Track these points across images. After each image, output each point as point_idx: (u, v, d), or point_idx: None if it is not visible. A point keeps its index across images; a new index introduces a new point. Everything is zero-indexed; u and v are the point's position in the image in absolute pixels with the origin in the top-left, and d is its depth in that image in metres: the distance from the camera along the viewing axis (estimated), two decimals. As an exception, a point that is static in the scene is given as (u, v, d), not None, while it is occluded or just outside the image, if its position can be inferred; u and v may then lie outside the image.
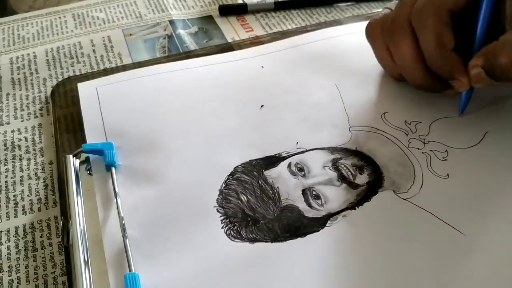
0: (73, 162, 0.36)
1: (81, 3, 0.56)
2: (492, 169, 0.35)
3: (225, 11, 0.54)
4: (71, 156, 0.36)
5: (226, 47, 0.48)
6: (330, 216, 0.32)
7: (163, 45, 0.50)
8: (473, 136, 0.37)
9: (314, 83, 0.42)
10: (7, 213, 0.35)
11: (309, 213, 0.32)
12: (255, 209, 0.33)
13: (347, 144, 0.37)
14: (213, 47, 0.48)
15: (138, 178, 0.35)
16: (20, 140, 0.40)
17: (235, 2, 0.56)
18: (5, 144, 0.40)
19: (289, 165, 0.35)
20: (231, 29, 0.52)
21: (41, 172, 0.38)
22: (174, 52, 0.49)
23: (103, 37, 0.51)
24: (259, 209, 0.33)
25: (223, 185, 0.34)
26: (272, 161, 0.36)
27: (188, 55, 0.47)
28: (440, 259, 0.30)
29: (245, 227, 0.32)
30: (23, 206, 0.35)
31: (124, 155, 0.36)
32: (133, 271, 0.29)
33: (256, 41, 0.48)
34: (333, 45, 0.46)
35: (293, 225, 0.32)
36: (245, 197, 0.33)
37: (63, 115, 0.41)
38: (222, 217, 0.32)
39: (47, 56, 0.49)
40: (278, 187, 0.34)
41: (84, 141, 0.38)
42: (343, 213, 0.32)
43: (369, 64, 0.42)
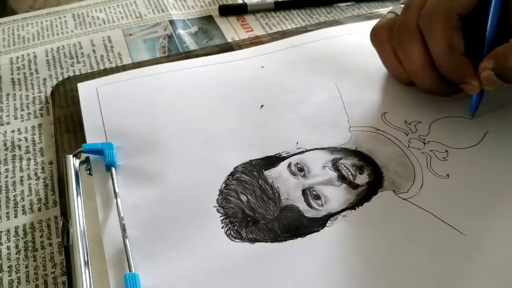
0: (73, 162, 0.36)
1: (81, 3, 0.56)
2: (492, 169, 0.35)
3: (225, 11, 0.54)
4: (71, 156, 0.36)
5: (226, 47, 0.48)
6: (330, 216, 0.32)
7: (163, 45, 0.50)
8: (473, 136, 0.37)
9: (314, 83, 0.42)
10: (7, 213, 0.35)
11: (309, 213, 0.32)
12: (255, 209, 0.33)
13: (347, 144, 0.37)
14: (213, 47, 0.48)
15: (138, 178, 0.35)
16: (20, 140, 0.40)
17: (235, 2, 0.56)
18: (5, 144, 0.40)
19: (289, 165, 0.35)
20: (231, 29, 0.52)
21: (41, 172, 0.38)
22: (174, 52, 0.49)
23: (103, 37, 0.51)
24: (259, 209, 0.33)
25: (223, 185, 0.34)
26: (272, 161, 0.36)
27: (188, 55, 0.47)
28: (440, 259, 0.30)
29: (245, 227, 0.32)
30: (23, 206, 0.35)
31: (124, 155, 0.36)
32: (133, 271, 0.29)
33: (256, 41, 0.48)
34: (333, 45, 0.46)
35: (293, 225, 0.32)
36: (245, 197, 0.33)
37: (63, 115, 0.41)
38: (222, 217, 0.32)
39: (47, 56, 0.49)
40: (278, 187, 0.34)
41: (84, 141, 0.38)
42: (343, 213, 0.32)
43: (369, 64, 0.42)
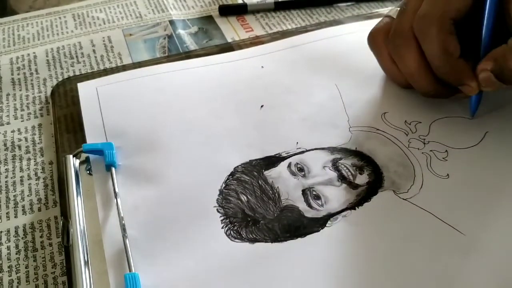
0: (73, 162, 0.36)
1: (81, 3, 0.56)
2: (492, 169, 0.35)
3: (225, 11, 0.54)
4: (71, 156, 0.36)
5: (226, 47, 0.48)
6: (330, 216, 0.32)
7: (163, 45, 0.50)
8: (473, 136, 0.37)
9: (314, 83, 0.42)
10: (7, 213, 0.35)
11: (309, 213, 0.32)
12: (255, 209, 0.33)
13: (347, 144, 0.37)
14: (213, 47, 0.48)
15: (138, 178, 0.35)
16: (20, 140, 0.40)
17: (235, 2, 0.56)
18: (5, 144, 0.40)
19: (289, 165, 0.35)
20: (231, 29, 0.52)
21: (41, 172, 0.38)
22: (174, 52, 0.49)
23: (103, 37, 0.51)
24: (259, 209, 0.33)
25: (223, 185, 0.34)
26: (272, 161, 0.36)
27: (188, 55, 0.47)
28: (440, 259, 0.30)
29: (245, 227, 0.32)
30: (23, 206, 0.35)
31: (124, 155, 0.36)
32: (133, 271, 0.29)
33: (256, 41, 0.48)
34: (333, 45, 0.46)
35: (293, 225, 0.32)
36: (245, 197, 0.33)
37: (63, 115, 0.41)
38: (222, 217, 0.32)
39: (47, 56, 0.49)
40: (278, 187, 0.34)
41: (84, 141, 0.38)
42: (343, 213, 0.32)
43: (369, 64, 0.42)
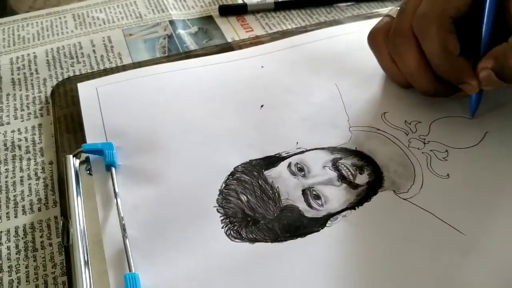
0: (73, 162, 0.36)
1: (81, 4, 0.56)
2: (492, 169, 0.35)
3: (225, 11, 0.54)
4: (71, 156, 0.36)
5: (226, 47, 0.48)
6: (330, 216, 0.32)
7: (163, 45, 0.50)
8: (473, 136, 0.37)
9: (314, 83, 0.42)
10: (7, 213, 0.35)
11: (309, 213, 0.32)
12: (255, 209, 0.33)
13: (347, 144, 0.37)
14: (213, 47, 0.48)
15: (138, 178, 0.35)
16: (20, 140, 0.40)
17: (235, 2, 0.56)
18: (5, 144, 0.40)
19: (289, 165, 0.35)
20: (231, 29, 0.52)
21: (41, 172, 0.38)
22: (174, 52, 0.49)
23: (103, 37, 0.51)
24: (259, 209, 0.33)
25: (223, 185, 0.34)
26: (272, 161, 0.36)
27: (188, 55, 0.47)
28: (440, 259, 0.30)
29: (245, 227, 0.32)
30: (23, 206, 0.35)
31: (124, 155, 0.36)
32: (133, 271, 0.29)
33: (256, 41, 0.48)
34: (333, 45, 0.46)
35: (293, 225, 0.32)
36: (245, 197, 0.33)
37: (63, 115, 0.41)
38: (222, 217, 0.32)
39: (47, 56, 0.49)
40: (278, 187, 0.34)
41: (84, 141, 0.38)
42: (343, 213, 0.32)
43: (369, 64, 0.42)
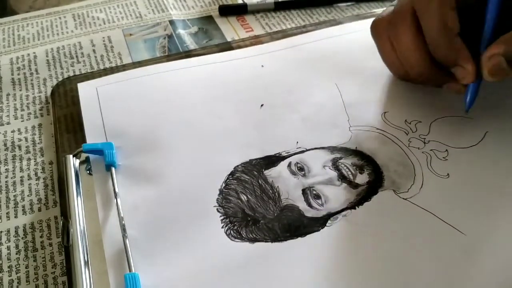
0: (73, 162, 0.36)
1: (81, 4, 0.56)
2: (492, 169, 0.35)
3: (225, 11, 0.54)
4: (71, 156, 0.36)
5: (226, 47, 0.48)
6: (330, 216, 0.32)
7: (163, 45, 0.50)
8: (473, 136, 0.37)
9: (314, 83, 0.42)
10: (7, 213, 0.35)
11: (309, 213, 0.32)
12: (255, 209, 0.33)
13: (347, 144, 0.37)
14: (213, 47, 0.48)
15: (138, 178, 0.35)
16: (20, 140, 0.40)
17: (235, 2, 0.55)
18: (5, 144, 0.40)
19: (289, 165, 0.35)
20: (231, 29, 0.52)
21: (41, 172, 0.38)
22: (174, 52, 0.49)
23: (103, 37, 0.51)
24: (259, 209, 0.33)
25: (223, 185, 0.34)
26: (272, 161, 0.36)
27: (188, 55, 0.47)
28: (440, 259, 0.30)
29: (245, 227, 0.32)
30: (23, 206, 0.35)
31: (124, 155, 0.36)
32: (133, 271, 0.29)
33: (256, 41, 0.48)
34: (333, 45, 0.46)
35: (293, 225, 0.32)
36: (245, 197, 0.33)
37: (63, 115, 0.41)
38: (222, 217, 0.32)
39: (47, 56, 0.49)
40: (278, 187, 0.34)
41: (84, 141, 0.38)
42: (343, 213, 0.32)
43: (369, 64, 0.42)
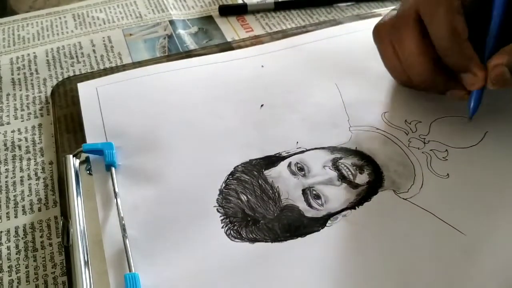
0: (73, 162, 0.36)
1: (81, 4, 0.56)
2: (492, 169, 0.35)
3: (225, 11, 0.54)
4: (71, 156, 0.36)
5: (226, 47, 0.48)
6: (330, 216, 0.32)
7: (163, 45, 0.50)
8: (473, 136, 0.37)
9: (314, 83, 0.42)
10: (7, 213, 0.35)
11: (309, 213, 0.32)
12: (255, 209, 0.33)
13: (347, 144, 0.37)
14: (213, 47, 0.48)
15: (138, 178, 0.35)
16: (20, 140, 0.40)
17: (235, 2, 0.55)
18: (5, 144, 0.40)
19: (289, 165, 0.35)
20: (231, 29, 0.52)
21: (41, 172, 0.38)
22: (174, 52, 0.49)
23: (103, 37, 0.51)
24: (259, 209, 0.33)
25: (223, 185, 0.34)
26: (272, 161, 0.36)
27: (188, 55, 0.47)
28: (440, 259, 0.30)
29: (245, 227, 0.32)
30: (23, 206, 0.35)
31: (124, 155, 0.36)
32: (133, 271, 0.29)
33: (256, 41, 0.48)
34: (333, 45, 0.46)
35: (293, 225, 0.32)
36: (245, 197, 0.33)
37: (63, 115, 0.41)
38: (222, 217, 0.32)
39: (47, 56, 0.49)
40: (278, 187, 0.34)
41: (84, 141, 0.38)
42: (343, 213, 0.32)
43: (369, 64, 0.42)
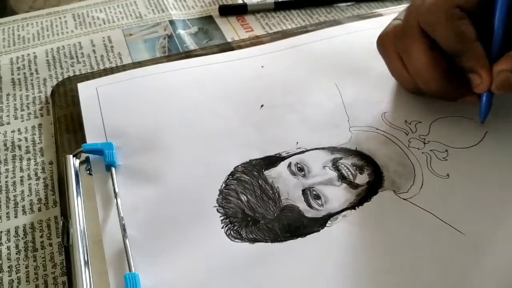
0: (73, 162, 0.36)
1: (81, 3, 0.56)
2: (492, 169, 0.35)
3: (225, 11, 0.54)
4: (71, 156, 0.36)
5: (226, 47, 0.48)
6: (330, 216, 0.32)
7: (163, 45, 0.50)
8: (473, 136, 0.37)
9: (314, 83, 0.42)
10: (7, 213, 0.35)
11: (309, 213, 0.32)
12: (255, 209, 0.33)
13: (347, 144, 0.37)
14: (213, 47, 0.48)
15: (138, 178, 0.35)
16: (20, 140, 0.40)
17: (235, 2, 0.56)
18: (5, 144, 0.40)
19: (289, 165, 0.35)
20: (231, 29, 0.52)
21: (41, 172, 0.38)
22: (174, 52, 0.49)
23: (103, 37, 0.51)
24: (259, 209, 0.33)
25: (223, 185, 0.34)
26: (272, 161, 0.36)
27: (188, 55, 0.47)
28: (440, 259, 0.30)
29: (245, 227, 0.32)
30: (23, 206, 0.35)
31: (124, 155, 0.36)
32: (133, 271, 0.29)
33: (256, 41, 0.48)
34: (333, 45, 0.46)
35: (293, 225, 0.32)
36: (245, 197, 0.33)
37: (63, 115, 0.41)
38: (222, 217, 0.32)
39: (47, 56, 0.49)
40: (278, 187, 0.34)
41: (84, 141, 0.38)
42: (343, 213, 0.32)
43: (369, 64, 0.42)
